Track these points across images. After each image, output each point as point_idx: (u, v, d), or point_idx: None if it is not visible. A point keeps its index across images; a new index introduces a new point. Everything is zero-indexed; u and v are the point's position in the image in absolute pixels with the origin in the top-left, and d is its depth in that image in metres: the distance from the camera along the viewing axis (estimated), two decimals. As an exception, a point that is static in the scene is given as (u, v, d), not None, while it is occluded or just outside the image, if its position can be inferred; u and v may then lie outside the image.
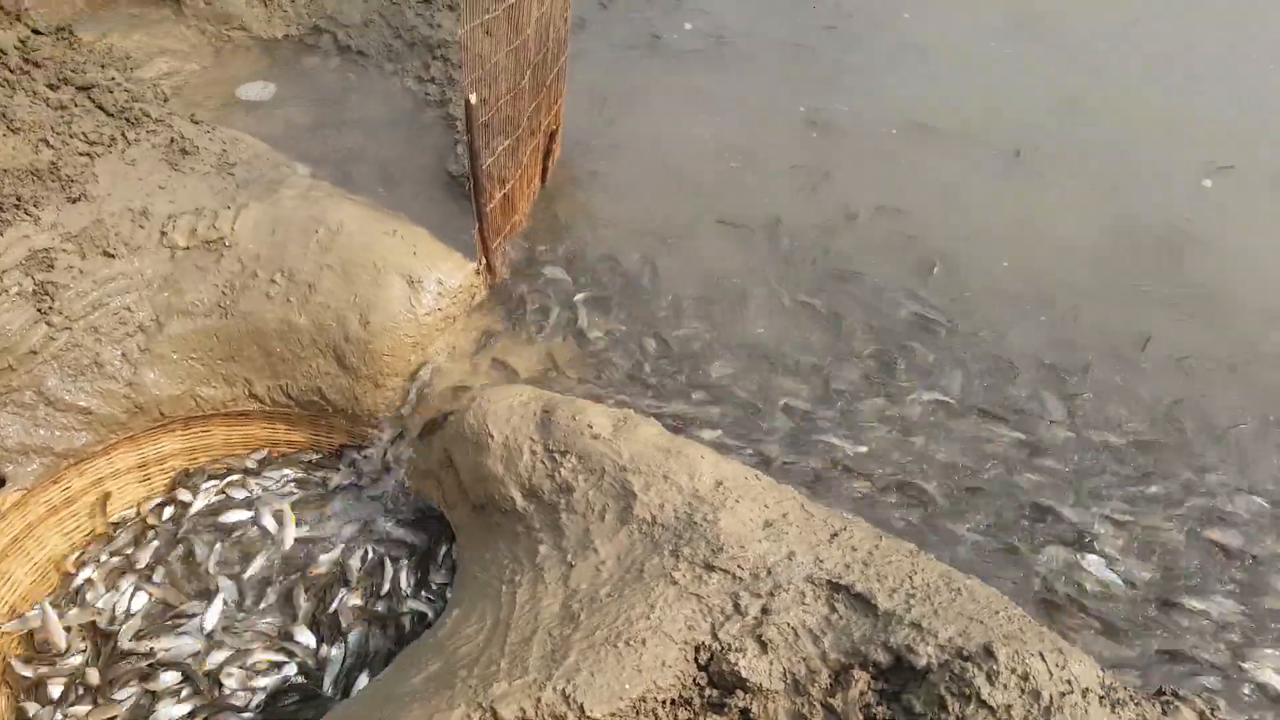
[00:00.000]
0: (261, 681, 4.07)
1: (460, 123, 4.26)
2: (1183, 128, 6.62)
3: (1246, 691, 3.44)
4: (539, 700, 2.72)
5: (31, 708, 3.99)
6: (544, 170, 5.60)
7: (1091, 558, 3.83)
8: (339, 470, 4.84)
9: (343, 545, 4.55)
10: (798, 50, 7.39)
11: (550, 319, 4.75)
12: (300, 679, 4.10)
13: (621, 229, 5.44)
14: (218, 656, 4.12)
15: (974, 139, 6.36)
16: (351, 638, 4.20)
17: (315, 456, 4.94)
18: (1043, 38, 7.68)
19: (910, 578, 2.99)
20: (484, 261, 4.74)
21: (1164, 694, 2.65)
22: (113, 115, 4.82)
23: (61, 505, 4.44)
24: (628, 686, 2.76)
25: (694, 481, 3.43)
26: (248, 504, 4.69)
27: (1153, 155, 6.32)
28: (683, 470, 3.48)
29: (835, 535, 3.20)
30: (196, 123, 5.07)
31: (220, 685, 4.04)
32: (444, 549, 4.53)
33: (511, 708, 2.73)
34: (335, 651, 4.14)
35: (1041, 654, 2.57)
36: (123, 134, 4.75)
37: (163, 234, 4.53)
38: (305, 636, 4.20)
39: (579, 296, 4.90)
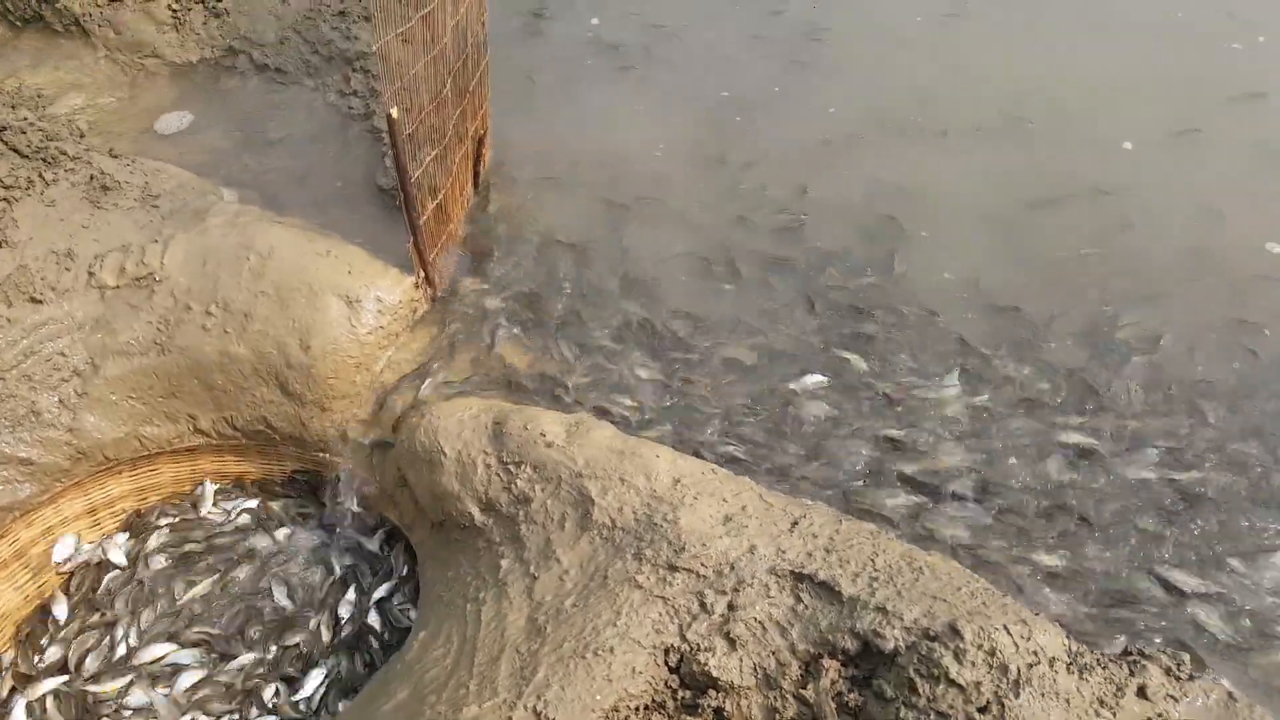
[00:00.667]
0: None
1: (386, 135, 4.19)
2: (1123, 93, 6.62)
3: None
4: (510, 720, 2.70)
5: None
6: (475, 176, 5.54)
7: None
8: (292, 498, 4.77)
9: (303, 572, 4.49)
10: (730, 38, 7.37)
11: (493, 325, 4.67)
12: (271, 711, 4.04)
13: (556, 226, 5.38)
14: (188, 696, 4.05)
15: (908, 121, 6.36)
16: (318, 667, 4.14)
17: (268, 485, 4.85)
18: (978, 14, 7.69)
19: (872, 560, 2.99)
20: (422, 275, 4.67)
21: (1130, 654, 2.67)
22: (28, 157, 4.67)
23: (11, 559, 4.32)
24: (599, 697, 2.74)
25: (651, 482, 3.41)
26: (201, 539, 4.61)
27: (1090, 124, 6.32)
28: (639, 471, 3.45)
29: (795, 524, 3.20)
30: (116, 156, 4.93)
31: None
32: (407, 569, 4.47)
33: (483, 731, 2.70)
34: (307, 684, 4.08)
35: (1006, 627, 2.58)
36: (40, 175, 4.60)
37: (90, 274, 4.41)
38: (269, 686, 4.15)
39: (519, 299, 4.84)
